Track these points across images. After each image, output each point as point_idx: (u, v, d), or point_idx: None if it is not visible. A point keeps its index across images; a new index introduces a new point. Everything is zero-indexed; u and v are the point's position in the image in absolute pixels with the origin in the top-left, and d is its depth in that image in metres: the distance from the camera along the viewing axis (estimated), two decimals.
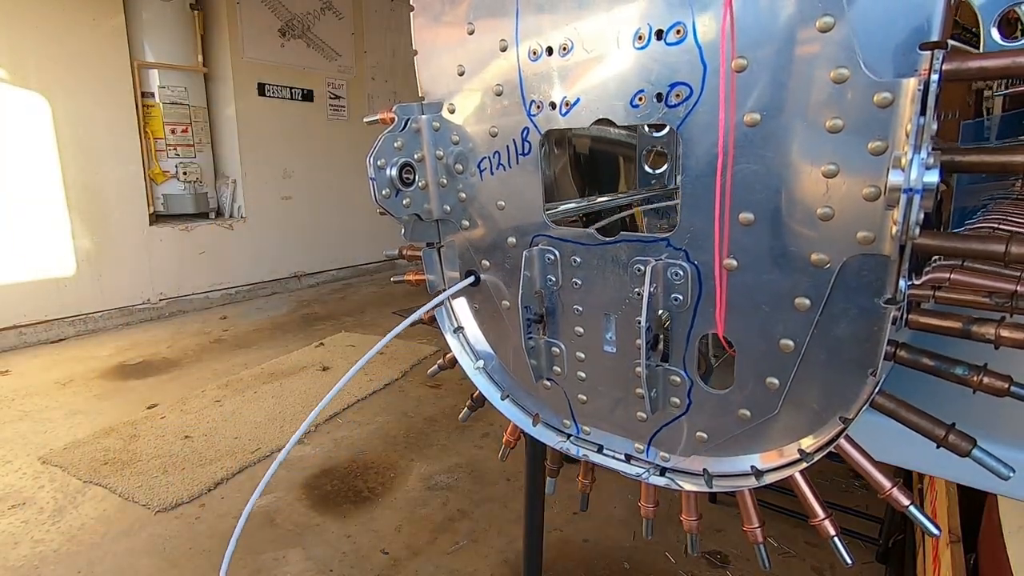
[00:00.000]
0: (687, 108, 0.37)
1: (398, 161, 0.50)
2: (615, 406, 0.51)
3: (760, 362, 0.41)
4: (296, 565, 1.66)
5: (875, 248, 0.33)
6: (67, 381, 3.08)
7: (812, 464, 0.42)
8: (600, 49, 0.40)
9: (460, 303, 0.59)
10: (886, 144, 0.31)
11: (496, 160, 0.49)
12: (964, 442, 0.34)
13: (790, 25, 0.32)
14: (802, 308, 0.37)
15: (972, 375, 0.34)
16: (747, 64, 0.34)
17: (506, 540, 1.80)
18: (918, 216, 0.29)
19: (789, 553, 1.67)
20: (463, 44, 0.47)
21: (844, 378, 0.38)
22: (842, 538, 0.42)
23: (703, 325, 0.42)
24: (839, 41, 0.31)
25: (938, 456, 0.36)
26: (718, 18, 0.34)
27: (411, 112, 0.50)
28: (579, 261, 0.47)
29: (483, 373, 0.59)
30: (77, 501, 2.02)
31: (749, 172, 0.36)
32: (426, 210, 0.54)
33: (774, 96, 0.34)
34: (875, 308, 0.35)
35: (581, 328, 0.49)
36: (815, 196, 0.34)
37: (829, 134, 0.33)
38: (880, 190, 0.32)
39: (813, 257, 0.36)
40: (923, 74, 0.29)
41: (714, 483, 0.47)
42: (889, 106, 0.31)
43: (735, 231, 0.38)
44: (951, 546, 1.06)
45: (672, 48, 0.37)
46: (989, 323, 0.33)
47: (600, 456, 0.54)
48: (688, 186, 0.39)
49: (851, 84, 0.31)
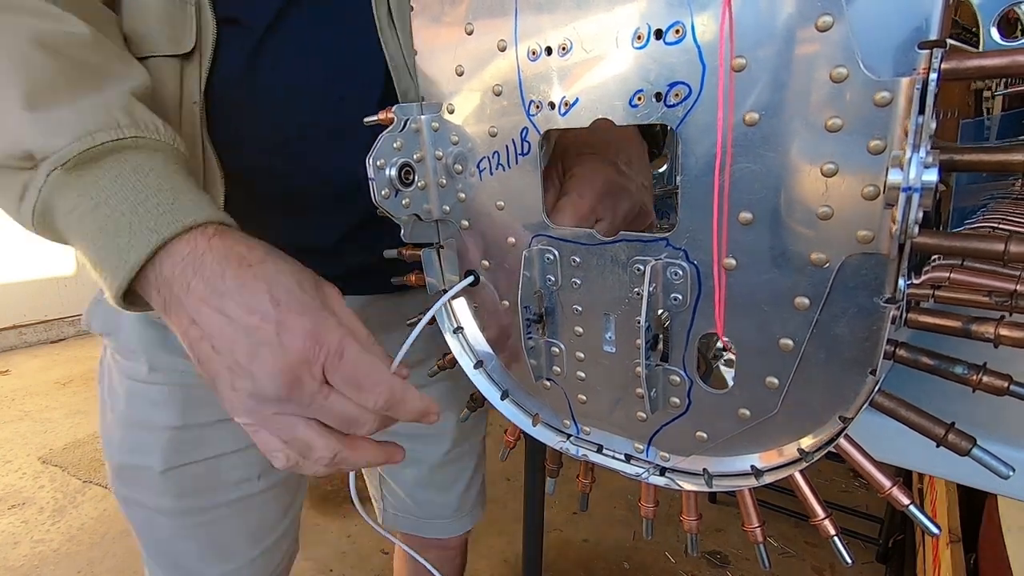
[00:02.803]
0: (686, 108, 0.37)
1: (397, 161, 0.50)
2: (615, 406, 0.51)
3: (759, 361, 0.41)
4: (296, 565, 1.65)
5: (874, 247, 0.33)
6: (67, 381, 3.08)
7: (812, 464, 0.42)
8: (599, 49, 0.40)
9: (459, 303, 0.59)
10: (885, 143, 0.31)
11: (495, 160, 0.49)
12: (964, 441, 0.35)
13: (789, 24, 0.32)
14: (801, 307, 0.37)
15: (972, 374, 0.34)
16: (746, 64, 0.34)
17: (506, 540, 1.80)
18: (917, 215, 0.29)
19: (789, 553, 1.67)
20: (462, 44, 0.47)
21: (844, 377, 0.38)
22: (842, 538, 0.42)
23: (703, 324, 0.42)
24: (838, 40, 0.31)
25: (938, 455, 0.36)
26: (717, 18, 0.34)
27: (410, 112, 0.50)
28: (578, 261, 0.47)
29: (483, 373, 0.59)
30: (77, 501, 2.02)
31: (748, 171, 0.36)
32: (425, 210, 0.54)
33: (773, 95, 0.34)
34: (874, 307, 0.35)
35: (581, 328, 0.49)
36: (814, 195, 0.34)
37: (828, 133, 0.33)
38: (879, 189, 0.32)
39: (812, 256, 0.36)
40: (922, 73, 0.29)
41: (714, 483, 0.47)
42: (888, 105, 0.31)
43: (734, 230, 0.38)
44: (951, 546, 1.06)
45: (671, 48, 0.37)
46: (989, 322, 0.33)
47: (600, 456, 0.54)
48: (687, 186, 0.39)
49: (850, 83, 0.31)
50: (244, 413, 0.40)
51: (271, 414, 0.40)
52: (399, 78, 0.58)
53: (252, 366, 0.38)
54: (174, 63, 0.52)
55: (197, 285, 0.38)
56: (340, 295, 0.45)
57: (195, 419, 0.67)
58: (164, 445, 0.67)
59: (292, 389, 0.38)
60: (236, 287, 0.38)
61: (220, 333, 0.38)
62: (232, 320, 0.38)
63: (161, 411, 0.67)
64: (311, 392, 0.39)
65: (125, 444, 0.69)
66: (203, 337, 0.39)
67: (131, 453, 0.69)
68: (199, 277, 0.38)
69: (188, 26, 0.52)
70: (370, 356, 0.41)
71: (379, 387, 0.41)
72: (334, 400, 0.40)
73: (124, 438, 0.69)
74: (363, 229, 0.65)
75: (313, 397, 0.39)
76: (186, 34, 0.52)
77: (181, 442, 0.67)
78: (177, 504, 0.69)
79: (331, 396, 0.40)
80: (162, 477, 0.67)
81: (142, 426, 0.68)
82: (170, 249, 0.39)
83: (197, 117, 0.53)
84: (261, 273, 0.39)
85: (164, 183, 0.41)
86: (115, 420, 0.69)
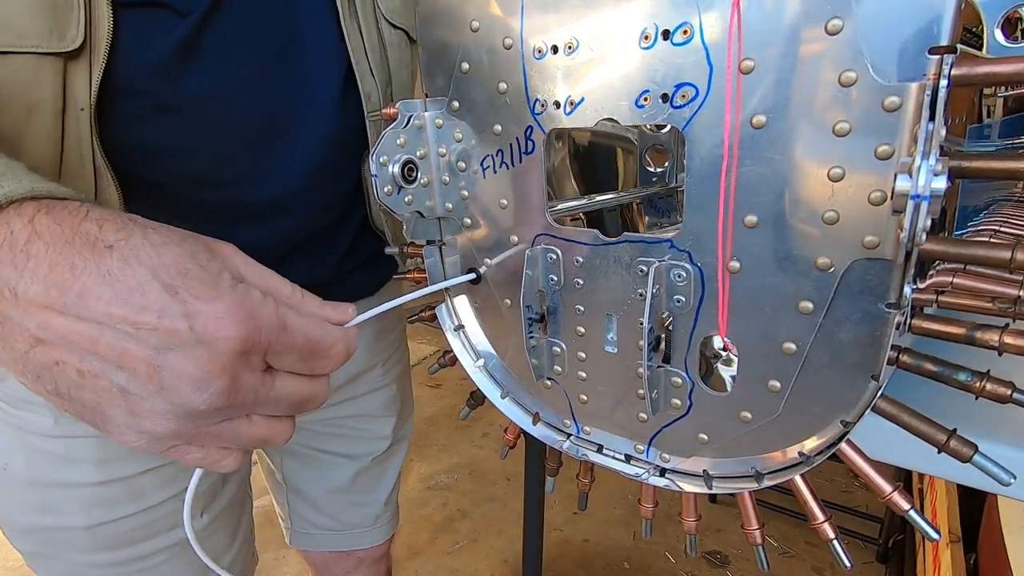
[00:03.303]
0: (693, 109, 0.37)
1: (400, 158, 0.50)
2: (616, 406, 0.51)
3: (762, 365, 0.41)
4: (296, 565, 1.66)
5: (880, 252, 0.33)
6: None
7: (813, 467, 0.42)
8: (605, 48, 0.40)
9: (461, 301, 0.58)
10: (893, 148, 0.31)
11: (499, 158, 0.49)
12: (965, 448, 0.34)
13: (798, 26, 0.32)
14: (805, 311, 0.37)
15: (975, 381, 0.34)
16: (754, 65, 0.34)
17: (506, 540, 1.80)
18: (925, 222, 0.29)
19: (789, 553, 1.68)
20: (468, 41, 0.47)
21: (846, 382, 0.38)
22: (842, 541, 0.42)
23: (705, 327, 0.42)
24: (847, 43, 0.31)
25: (938, 457, 0.36)
26: (725, 18, 0.34)
27: (414, 109, 0.50)
28: (581, 260, 0.47)
29: (484, 371, 0.59)
30: None
31: (754, 174, 0.36)
32: (428, 207, 0.54)
33: (781, 98, 0.34)
34: (879, 312, 0.35)
35: (583, 328, 0.49)
36: (821, 199, 0.34)
37: (836, 137, 0.33)
38: (886, 194, 0.32)
39: (817, 260, 0.36)
40: (932, 78, 0.29)
41: (714, 485, 0.47)
42: (897, 110, 0.30)
43: (739, 233, 0.38)
44: (951, 546, 1.06)
45: (678, 48, 0.37)
46: (993, 329, 0.33)
47: (600, 456, 0.54)
48: (692, 188, 0.39)
49: (859, 87, 0.31)
50: (157, 441, 0.31)
51: (201, 430, 0.31)
52: (362, 78, 0.52)
53: (162, 380, 0.28)
54: (52, 62, 0.41)
55: (29, 287, 0.27)
56: (238, 250, 0.35)
57: (119, 473, 0.58)
58: (85, 502, 0.58)
59: (229, 394, 0.30)
60: (100, 281, 0.28)
61: (93, 345, 0.28)
62: (108, 325, 0.28)
63: (75, 468, 0.57)
64: (253, 388, 0.31)
65: (30, 505, 0.59)
66: (61, 359, 0.28)
67: (40, 514, 0.59)
68: (29, 276, 0.27)
69: (74, 17, 0.41)
70: (309, 316, 0.34)
71: (336, 346, 0.34)
72: (281, 386, 0.33)
73: (27, 500, 0.58)
74: (311, 241, 0.60)
75: (256, 393, 0.31)
76: (71, 26, 0.41)
77: (105, 498, 0.58)
78: (108, 557, 0.61)
79: (277, 382, 0.33)
80: (87, 533, 0.59)
81: (52, 485, 0.58)
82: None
83: (85, 127, 0.44)
84: (131, 254, 0.29)
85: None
86: (12, 481, 0.58)
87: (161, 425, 0.29)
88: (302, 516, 0.87)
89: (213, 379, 0.29)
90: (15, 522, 0.61)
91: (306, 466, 0.83)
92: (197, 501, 0.66)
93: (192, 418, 0.30)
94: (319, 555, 0.92)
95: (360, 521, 0.88)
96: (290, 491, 0.86)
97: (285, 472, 0.85)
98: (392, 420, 0.84)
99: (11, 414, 0.57)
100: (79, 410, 0.30)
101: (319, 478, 0.84)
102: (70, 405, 0.30)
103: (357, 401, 0.79)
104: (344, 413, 0.79)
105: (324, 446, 0.81)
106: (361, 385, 0.79)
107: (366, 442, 0.83)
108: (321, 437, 0.81)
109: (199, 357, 0.28)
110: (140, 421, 0.29)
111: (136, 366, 0.28)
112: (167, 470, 0.62)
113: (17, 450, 0.57)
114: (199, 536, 0.67)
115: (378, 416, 0.83)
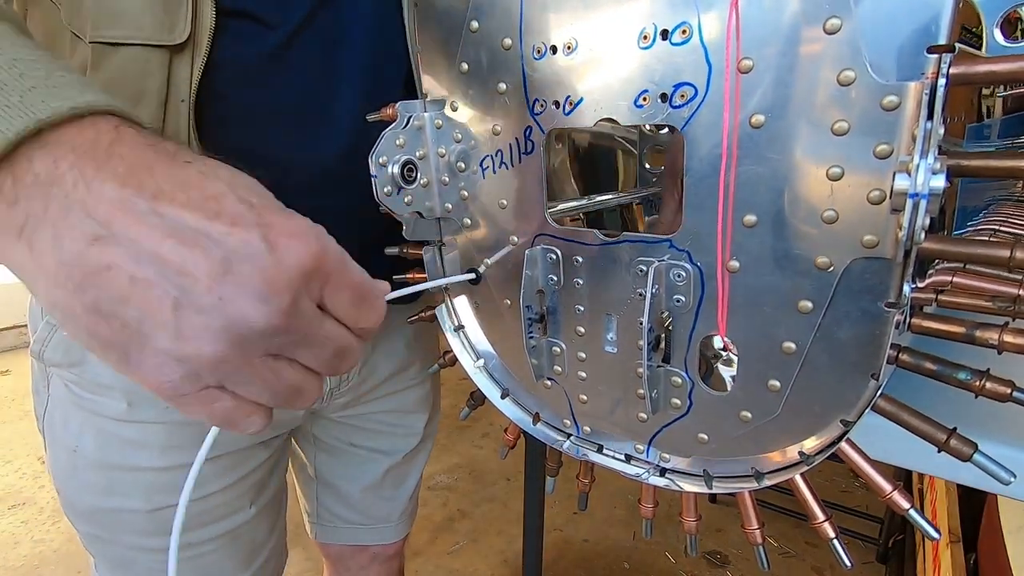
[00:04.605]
0: (692, 109, 0.37)
1: (400, 159, 0.50)
2: (616, 406, 0.51)
3: (762, 364, 0.41)
4: (296, 565, 1.66)
5: (879, 252, 0.33)
6: None
7: (813, 467, 0.42)
8: (604, 48, 0.40)
9: (461, 301, 0.58)
10: (892, 147, 0.31)
11: (499, 158, 0.49)
12: (965, 447, 0.34)
13: (797, 26, 0.32)
14: (805, 311, 0.37)
15: (974, 380, 0.34)
16: (753, 65, 0.34)
17: (506, 540, 1.80)
18: (924, 221, 0.29)
19: (789, 553, 1.68)
20: (466, 41, 0.47)
21: (846, 381, 0.38)
22: (842, 540, 0.42)
23: (705, 326, 0.42)
24: (846, 42, 0.31)
25: (938, 456, 0.36)
26: (724, 18, 0.34)
27: (414, 109, 0.50)
28: (581, 260, 0.47)
29: (483, 372, 0.59)
30: None
31: (753, 173, 0.36)
32: (428, 208, 0.54)
33: (779, 97, 0.34)
34: (878, 312, 0.35)
35: (582, 328, 0.49)
36: (820, 198, 0.34)
37: (834, 136, 0.33)
38: (885, 193, 0.32)
39: (816, 260, 0.36)
40: (930, 77, 0.29)
41: (714, 484, 0.47)
42: (896, 109, 0.30)
43: (738, 233, 0.38)
44: (951, 546, 1.06)
45: (677, 48, 0.37)
46: (992, 328, 0.33)
47: (600, 456, 0.54)
48: (691, 187, 0.39)
49: (857, 86, 0.31)
50: (194, 377, 0.28)
51: (247, 361, 0.28)
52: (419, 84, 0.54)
53: (223, 290, 0.26)
54: (161, 54, 0.45)
55: (104, 185, 0.26)
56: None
57: (182, 460, 0.61)
58: (148, 486, 0.61)
59: (288, 315, 0.28)
60: (176, 185, 0.27)
61: (157, 247, 0.26)
62: (178, 228, 0.26)
63: (142, 452, 0.60)
64: (308, 318, 0.29)
65: (96, 487, 0.61)
66: (115, 262, 0.26)
67: (107, 496, 0.61)
68: (106, 173, 0.26)
69: (182, 12, 0.44)
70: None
71: (380, 299, 0.33)
72: (329, 329, 0.31)
73: (96, 482, 0.61)
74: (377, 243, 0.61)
75: (310, 324, 0.30)
76: (179, 20, 0.44)
77: (167, 483, 0.61)
78: (163, 543, 0.61)
79: (325, 324, 0.31)
80: (148, 517, 0.62)
81: (119, 468, 0.61)
82: (46, 138, 0.27)
83: (184, 118, 0.47)
84: (209, 170, 0.28)
85: (29, 54, 0.28)
86: (81, 463, 0.61)
87: (208, 347, 0.27)
88: (330, 510, 0.89)
89: (276, 294, 0.27)
90: (79, 503, 0.63)
91: (340, 461, 0.85)
92: (246, 493, 0.68)
93: (243, 342, 0.27)
94: (336, 548, 0.94)
95: (386, 515, 0.90)
96: (320, 485, 0.89)
97: (318, 466, 0.87)
98: (424, 416, 0.86)
99: (85, 398, 0.59)
100: (112, 335, 0.27)
101: (352, 474, 0.86)
102: (105, 327, 0.27)
103: (396, 396, 0.82)
104: (384, 408, 0.82)
105: (360, 441, 0.83)
106: (401, 381, 0.81)
107: (400, 438, 0.86)
108: (358, 432, 0.82)
109: (267, 268, 0.27)
110: (184, 344, 0.27)
111: (198, 274, 0.26)
112: (222, 461, 0.65)
113: (88, 433, 0.60)
114: (246, 527, 0.70)
115: (412, 412, 0.85)
